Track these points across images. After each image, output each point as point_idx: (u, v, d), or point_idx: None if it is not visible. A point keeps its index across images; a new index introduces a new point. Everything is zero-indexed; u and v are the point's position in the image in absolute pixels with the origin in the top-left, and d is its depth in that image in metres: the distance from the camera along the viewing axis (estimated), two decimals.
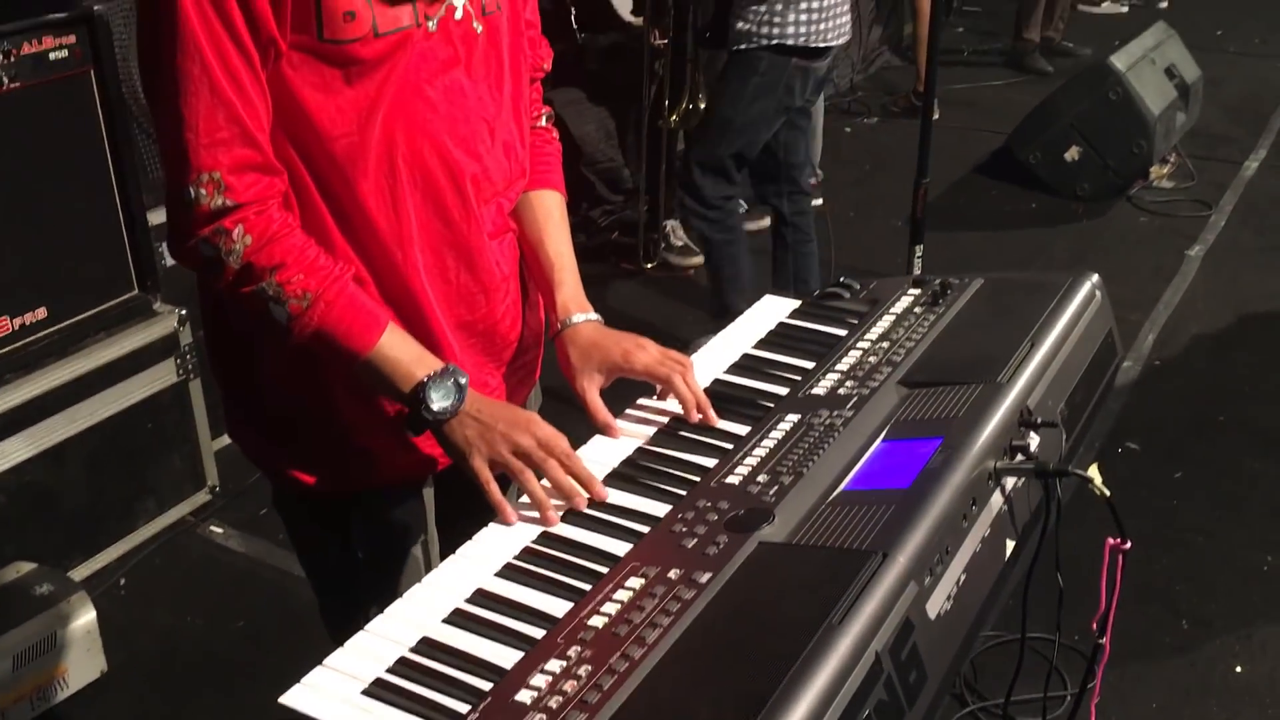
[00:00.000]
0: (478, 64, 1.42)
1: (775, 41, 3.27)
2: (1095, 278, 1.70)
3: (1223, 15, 8.18)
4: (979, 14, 8.14)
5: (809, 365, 1.59)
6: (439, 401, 1.34)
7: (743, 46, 3.31)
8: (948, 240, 4.59)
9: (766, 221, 4.87)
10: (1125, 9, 8.29)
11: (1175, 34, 5.48)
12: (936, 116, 5.89)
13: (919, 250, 3.57)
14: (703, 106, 4.01)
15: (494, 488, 1.33)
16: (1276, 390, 3.65)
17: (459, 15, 1.37)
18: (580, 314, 1.54)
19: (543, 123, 1.65)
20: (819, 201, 5.14)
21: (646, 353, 1.51)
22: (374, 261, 1.39)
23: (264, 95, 1.27)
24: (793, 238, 3.68)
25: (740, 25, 3.29)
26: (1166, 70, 5.20)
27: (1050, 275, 1.73)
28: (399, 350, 1.35)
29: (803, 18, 3.25)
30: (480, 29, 1.41)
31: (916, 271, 3.54)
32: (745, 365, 1.63)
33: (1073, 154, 5.06)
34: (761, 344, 1.69)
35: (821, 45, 3.34)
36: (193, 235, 1.28)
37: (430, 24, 1.34)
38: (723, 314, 3.60)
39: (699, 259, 4.55)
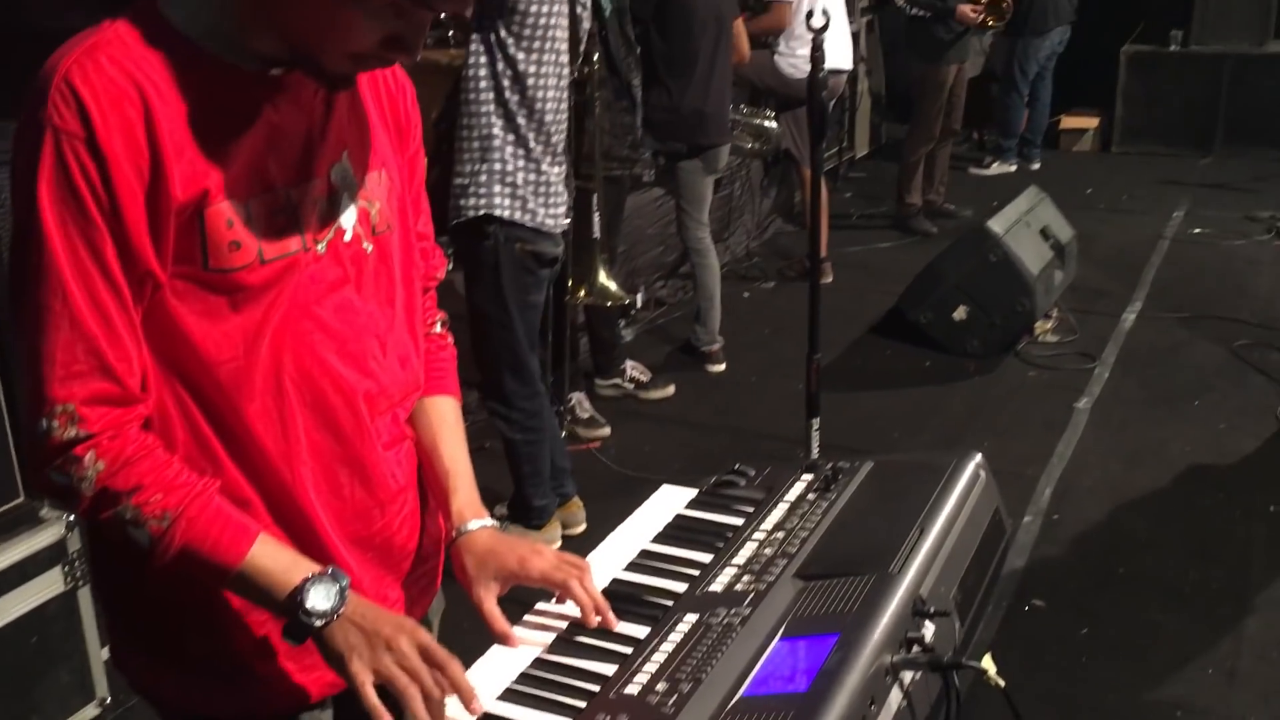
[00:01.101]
0: (368, 281, 1.43)
1: (483, 212, 3.18)
2: (979, 457, 1.76)
3: (1091, 173, 8.70)
4: (865, 179, 8.52)
5: (706, 559, 1.60)
6: (318, 603, 1.28)
7: (456, 221, 3.22)
8: (847, 401, 4.70)
9: (670, 390, 4.97)
10: (1014, 168, 8.75)
11: (1047, 196, 5.79)
12: (830, 279, 6.15)
13: (816, 424, 3.61)
14: (608, 284, 4.10)
15: (370, 690, 1.28)
16: (1172, 540, 3.75)
17: (348, 237, 1.39)
18: (476, 520, 1.53)
19: (437, 329, 1.66)
20: (720, 367, 5.25)
21: (543, 558, 1.50)
22: (263, 481, 1.37)
23: (132, 327, 1.26)
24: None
25: (453, 202, 3.21)
26: (1041, 231, 5.48)
27: (936, 456, 1.78)
28: (271, 559, 1.30)
29: (505, 190, 3.17)
30: (370, 248, 1.42)
31: (815, 445, 3.58)
32: (642, 563, 1.63)
33: (960, 314, 5.25)
34: (659, 538, 1.70)
35: (531, 225, 3.23)
36: (45, 465, 1.26)
37: (319, 247, 1.35)
38: (525, 509, 3.58)
39: (606, 430, 4.58)
